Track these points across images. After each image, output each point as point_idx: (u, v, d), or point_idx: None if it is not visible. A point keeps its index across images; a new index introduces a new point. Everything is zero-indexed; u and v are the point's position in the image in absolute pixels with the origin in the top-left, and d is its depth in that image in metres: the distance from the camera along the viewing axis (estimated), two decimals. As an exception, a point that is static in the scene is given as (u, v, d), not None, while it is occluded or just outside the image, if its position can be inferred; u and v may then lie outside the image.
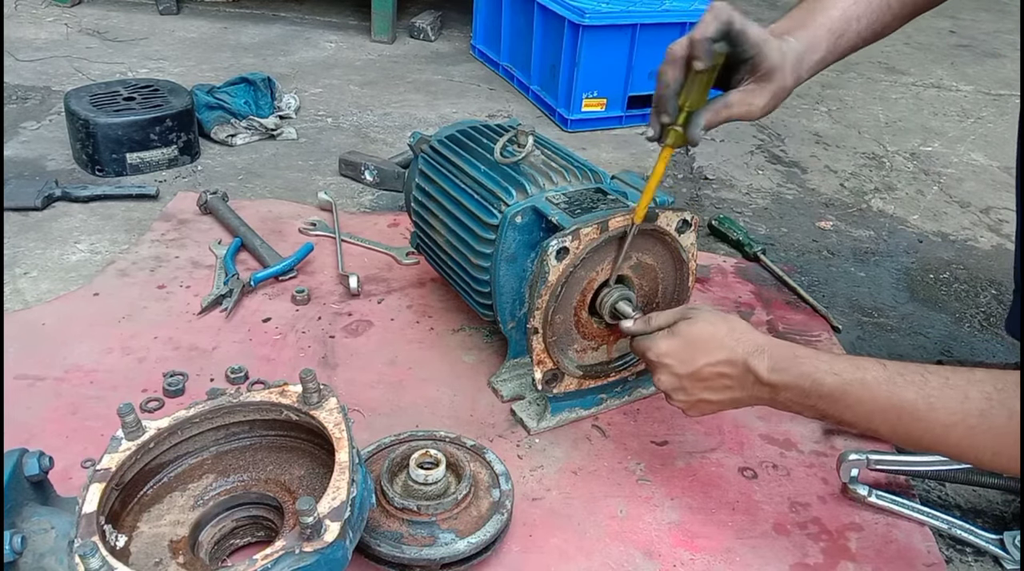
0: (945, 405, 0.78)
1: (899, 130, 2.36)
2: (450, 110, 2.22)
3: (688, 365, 0.88)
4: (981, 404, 0.76)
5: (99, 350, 1.17)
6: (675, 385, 0.90)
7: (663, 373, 0.91)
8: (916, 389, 0.79)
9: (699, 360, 0.87)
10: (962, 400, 0.77)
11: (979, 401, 0.76)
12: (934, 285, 1.57)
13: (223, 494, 0.86)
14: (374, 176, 1.73)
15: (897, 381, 0.80)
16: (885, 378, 0.81)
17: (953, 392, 0.78)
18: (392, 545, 0.84)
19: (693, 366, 0.87)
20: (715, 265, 1.54)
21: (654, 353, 0.90)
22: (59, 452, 0.86)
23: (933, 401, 0.78)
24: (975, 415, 0.76)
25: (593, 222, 0.97)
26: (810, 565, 0.93)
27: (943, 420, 0.78)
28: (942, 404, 0.78)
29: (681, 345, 0.88)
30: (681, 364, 0.88)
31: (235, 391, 0.88)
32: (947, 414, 0.77)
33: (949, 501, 1.06)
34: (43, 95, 2.05)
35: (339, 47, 2.66)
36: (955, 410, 0.77)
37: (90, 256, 1.41)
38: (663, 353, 0.89)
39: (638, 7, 2.13)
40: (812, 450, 1.10)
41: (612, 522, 0.97)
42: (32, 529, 0.76)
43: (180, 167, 1.75)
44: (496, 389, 1.16)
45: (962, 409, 0.77)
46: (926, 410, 0.78)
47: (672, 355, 0.89)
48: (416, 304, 1.35)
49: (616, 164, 1.97)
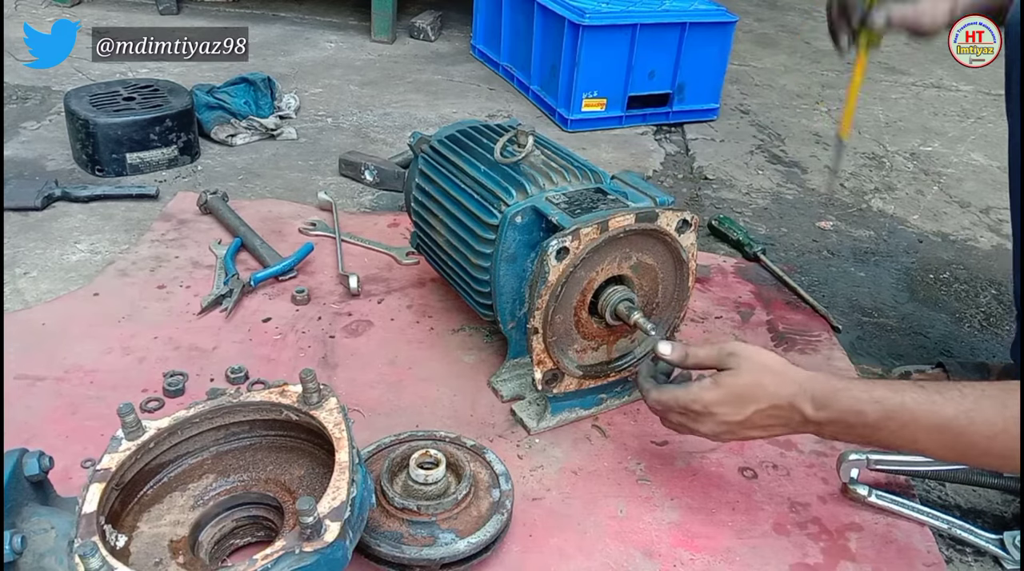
0: (985, 417, 0.80)
1: (899, 130, 2.36)
2: (450, 110, 2.22)
3: (739, 414, 0.89)
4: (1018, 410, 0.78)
5: (99, 350, 1.17)
6: (724, 430, 0.92)
7: (709, 421, 0.91)
8: (955, 405, 0.81)
9: (749, 408, 0.89)
10: (1001, 409, 0.79)
11: (1016, 408, 0.78)
12: (934, 285, 1.57)
13: (223, 494, 0.86)
14: (374, 176, 1.73)
15: (936, 400, 0.82)
16: (925, 399, 0.83)
17: (991, 403, 0.80)
18: (392, 545, 0.84)
19: (744, 415, 0.89)
20: (715, 265, 1.54)
21: (701, 404, 0.90)
22: (59, 452, 0.86)
23: (973, 415, 0.80)
24: (1014, 421, 0.78)
25: (593, 222, 0.97)
26: (810, 565, 0.93)
27: (985, 432, 0.80)
28: (982, 417, 0.80)
29: (729, 396, 0.89)
30: (733, 413, 0.89)
31: (235, 391, 0.88)
32: (988, 426, 0.79)
33: (949, 501, 1.05)
34: (43, 95, 2.05)
35: (339, 47, 2.66)
36: (995, 421, 0.79)
37: (90, 256, 1.41)
38: (711, 404, 0.90)
39: (638, 7, 2.13)
40: (812, 450, 1.10)
41: (612, 522, 0.96)
42: (32, 529, 0.76)
43: (180, 167, 1.75)
44: (496, 389, 1.16)
45: (1003, 418, 0.79)
46: (967, 424, 0.80)
47: (721, 404, 0.90)
48: (416, 304, 1.35)
49: (616, 164, 1.97)
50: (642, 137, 2.17)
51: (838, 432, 0.88)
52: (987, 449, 0.81)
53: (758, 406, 0.88)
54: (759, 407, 0.88)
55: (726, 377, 0.90)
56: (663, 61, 2.16)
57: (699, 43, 2.16)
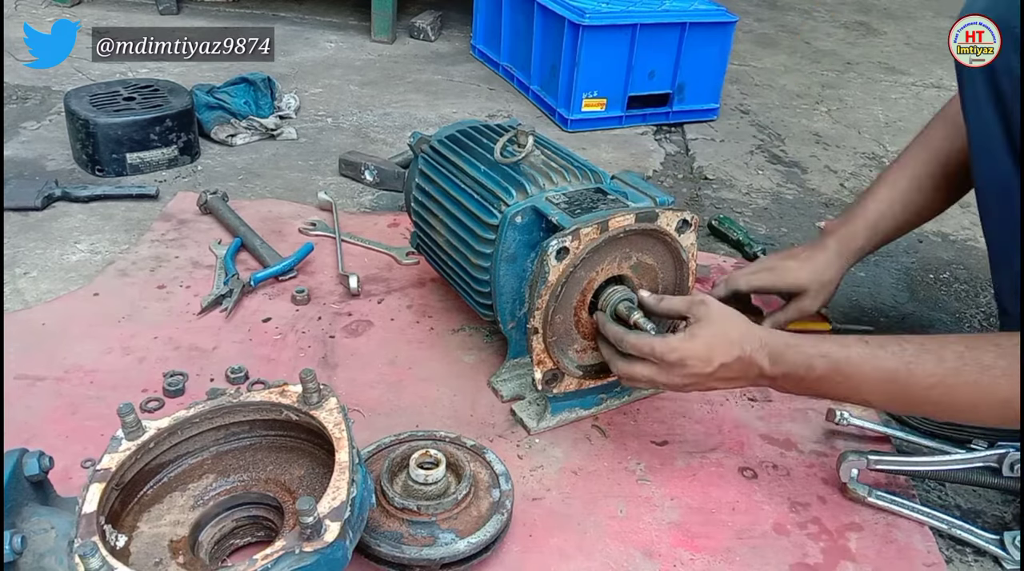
0: (924, 368, 0.86)
1: (899, 130, 2.36)
2: (450, 110, 2.22)
3: (708, 366, 0.92)
4: (955, 363, 0.85)
5: (99, 350, 1.17)
6: (690, 382, 0.95)
7: (679, 372, 0.94)
8: (897, 359, 0.88)
9: (717, 360, 0.92)
10: (938, 362, 0.86)
11: (953, 361, 0.85)
12: (934, 285, 1.57)
13: (223, 494, 0.86)
14: (374, 176, 1.73)
15: (879, 354, 0.89)
16: (869, 353, 0.89)
17: (929, 356, 0.87)
18: (392, 545, 0.84)
19: (712, 366, 0.92)
20: (715, 265, 1.54)
21: (677, 355, 0.93)
22: (59, 452, 0.86)
23: (912, 367, 0.87)
24: (952, 374, 0.85)
25: (593, 222, 0.97)
26: (810, 565, 0.93)
27: (923, 383, 0.86)
28: (920, 368, 0.86)
29: (701, 347, 0.92)
30: (702, 365, 0.92)
31: (235, 391, 0.88)
32: (926, 376, 0.86)
33: (949, 501, 1.06)
34: (43, 95, 2.05)
35: (339, 47, 2.66)
36: (933, 372, 0.86)
37: (90, 256, 1.41)
38: (686, 355, 0.92)
39: (638, 7, 2.13)
40: (812, 450, 1.10)
41: (612, 522, 0.97)
42: (32, 529, 0.76)
43: (180, 167, 1.75)
44: (496, 389, 1.16)
45: (940, 370, 0.86)
46: (907, 375, 0.87)
47: (693, 356, 0.92)
48: (416, 304, 1.35)
49: (616, 164, 1.97)
50: (642, 137, 2.17)
51: (790, 386, 0.94)
52: (925, 399, 0.88)
53: (724, 359, 0.92)
54: (725, 360, 0.92)
55: (698, 329, 0.93)
56: (663, 61, 2.16)
57: (699, 43, 2.16)
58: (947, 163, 1.21)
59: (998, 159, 0.99)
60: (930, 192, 1.24)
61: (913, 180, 1.24)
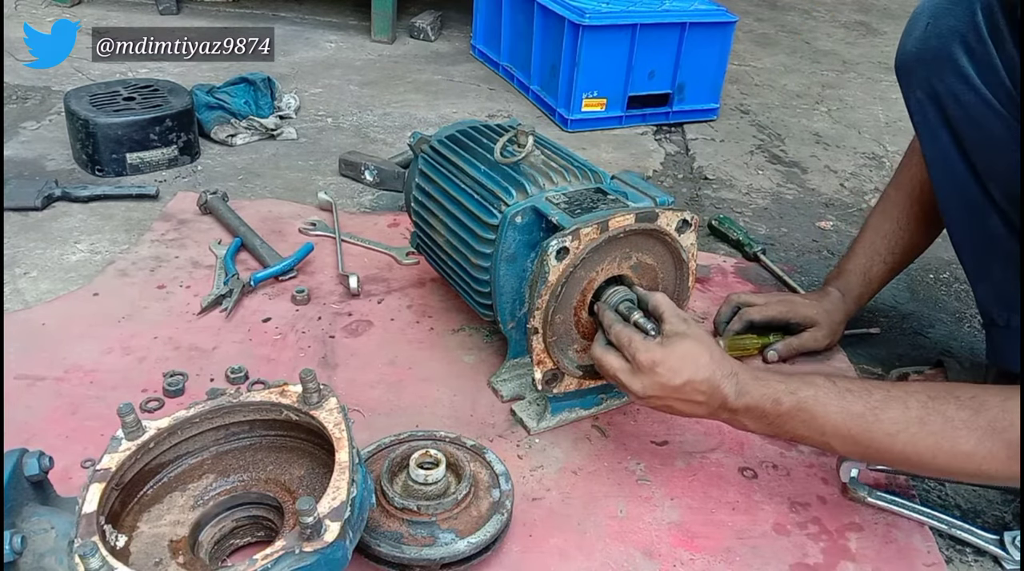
0: (889, 415, 0.85)
1: (899, 130, 2.36)
2: (450, 110, 2.22)
3: (675, 378, 0.90)
4: (919, 412, 0.84)
5: (99, 350, 1.17)
6: (654, 393, 0.92)
7: (647, 378, 0.91)
8: (862, 402, 0.86)
9: (685, 375, 0.89)
10: (903, 409, 0.85)
11: (917, 409, 0.84)
12: (934, 285, 1.57)
13: (223, 494, 0.86)
14: (374, 176, 1.73)
15: (846, 396, 0.87)
16: (836, 393, 0.88)
17: (895, 403, 0.85)
18: (392, 545, 0.84)
19: (679, 380, 0.90)
20: (715, 265, 1.54)
21: (649, 359, 0.91)
22: (59, 452, 0.86)
23: (879, 412, 0.85)
24: (916, 422, 0.84)
25: (593, 222, 0.97)
26: (810, 565, 0.94)
27: (888, 428, 0.85)
28: (886, 414, 0.85)
29: (673, 359, 0.90)
30: (671, 377, 0.90)
31: (235, 391, 0.88)
32: (891, 423, 0.85)
33: (949, 501, 1.06)
34: (43, 95, 2.05)
35: (339, 47, 2.66)
36: (898, 419, 0.85)
37: (90, 256, 1.41)
38: (658, 361, 0.90)
39: (638, 7, 2.13)
40: (812, 450, 1.10)
41: (612, 522, 0.97)
42: (32, 529, 0.76)
43: (180, 167, 1.75)
44: (496, 389, 1.16)
45: (904, 418, 0.85)
46: (873, 420, 0.85)
47: (664, 365, 0.90)
48: (416, 304, 1.35)
49: (616, 164, 1.97)
50: (642, 137, 2.17)
51: (751, 420, 0.91)
52: (888, 446, 0.86)
53: (693, 377, 0.89)
54: (694, 378, 0.89)
55: (678, 341, 0.91)
56: (663, 61, 2.16)
57: (699, 43, 2.16)
58: (922, 195, 1.22)
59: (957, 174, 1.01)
60: (914, 228, 1.26)
61: (896, 221, 1.27)
